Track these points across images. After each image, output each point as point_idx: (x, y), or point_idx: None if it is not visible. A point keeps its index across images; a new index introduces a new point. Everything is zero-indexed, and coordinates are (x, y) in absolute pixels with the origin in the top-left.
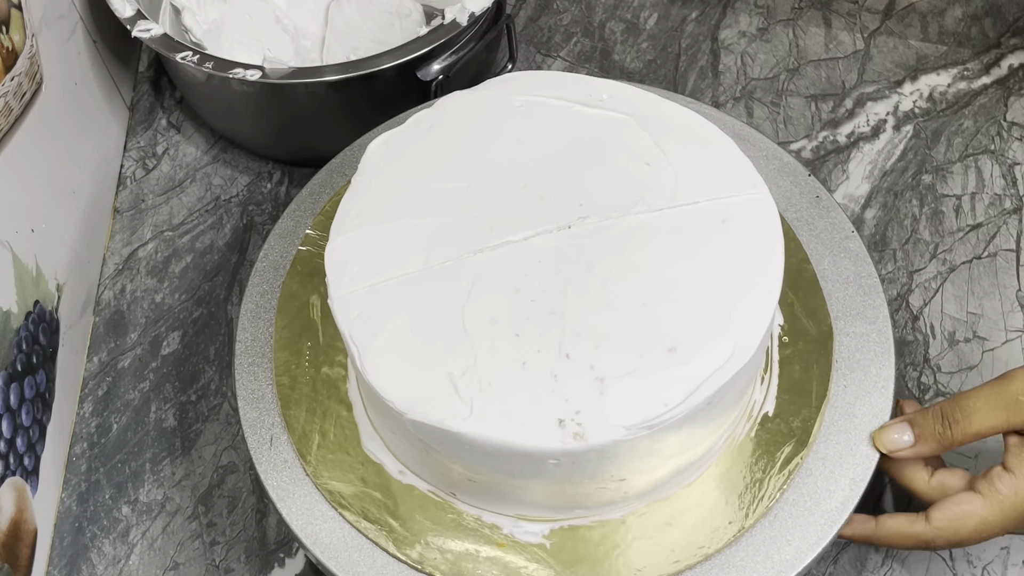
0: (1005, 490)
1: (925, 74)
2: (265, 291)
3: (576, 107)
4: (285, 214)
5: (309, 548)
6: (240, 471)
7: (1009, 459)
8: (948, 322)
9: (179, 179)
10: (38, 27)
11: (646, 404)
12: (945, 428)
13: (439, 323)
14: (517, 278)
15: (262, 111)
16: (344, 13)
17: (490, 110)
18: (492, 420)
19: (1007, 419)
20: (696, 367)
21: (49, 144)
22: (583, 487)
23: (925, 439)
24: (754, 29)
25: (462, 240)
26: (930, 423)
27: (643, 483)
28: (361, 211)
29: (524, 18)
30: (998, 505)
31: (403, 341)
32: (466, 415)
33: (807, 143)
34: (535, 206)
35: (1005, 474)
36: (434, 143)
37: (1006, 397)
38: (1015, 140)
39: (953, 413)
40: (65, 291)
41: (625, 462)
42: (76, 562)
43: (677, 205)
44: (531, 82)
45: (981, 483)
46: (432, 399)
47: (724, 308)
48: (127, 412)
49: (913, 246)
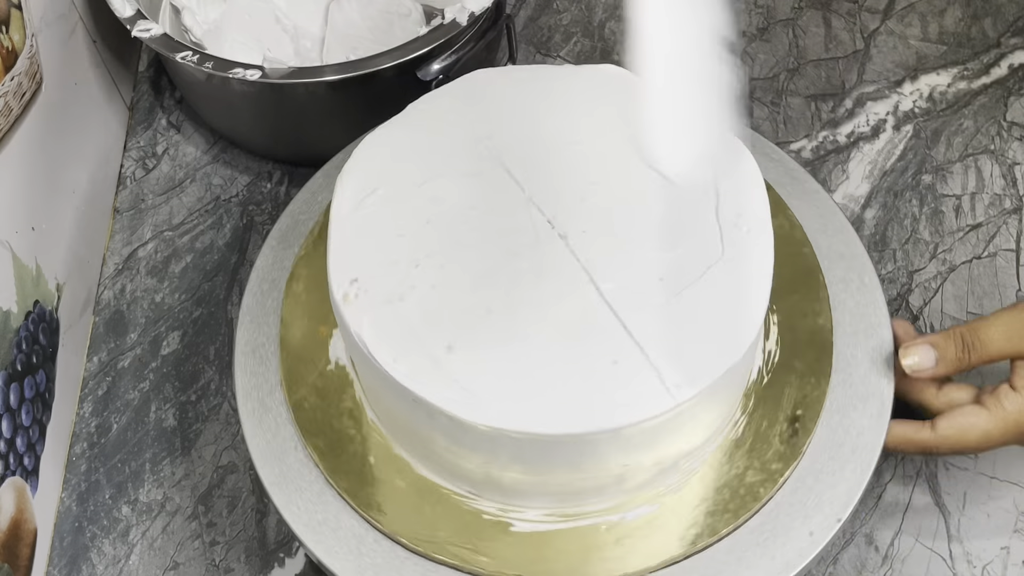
0: (1011, 407)
1: (925, 74)
2: (265, 292)
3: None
4: (285, 214)
5: (310, 548)
6: (240, 471)
7: (1016, 380)
8: (948, 322)
9: (179, 179)
10: (38, 27)
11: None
12: (965, 353)
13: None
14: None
15: (262, 111)
16: (344, 13)
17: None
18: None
19: (1021, 346)
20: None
21: (49, 144)
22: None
23: (946, 362)
24: (754, 29)
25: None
26: (952, 348)
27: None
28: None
29: (524, 18)
30: (1002, 421)
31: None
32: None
33: (807, 143)
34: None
35: (1012, 392)
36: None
37: (1022, 326)
38: (1015, 140)
39: (972, 339)
40: (65, 291)
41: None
42: (76, 562)
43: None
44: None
45: (988, 399)
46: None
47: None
48: (127, 412)
49: (913, 246)
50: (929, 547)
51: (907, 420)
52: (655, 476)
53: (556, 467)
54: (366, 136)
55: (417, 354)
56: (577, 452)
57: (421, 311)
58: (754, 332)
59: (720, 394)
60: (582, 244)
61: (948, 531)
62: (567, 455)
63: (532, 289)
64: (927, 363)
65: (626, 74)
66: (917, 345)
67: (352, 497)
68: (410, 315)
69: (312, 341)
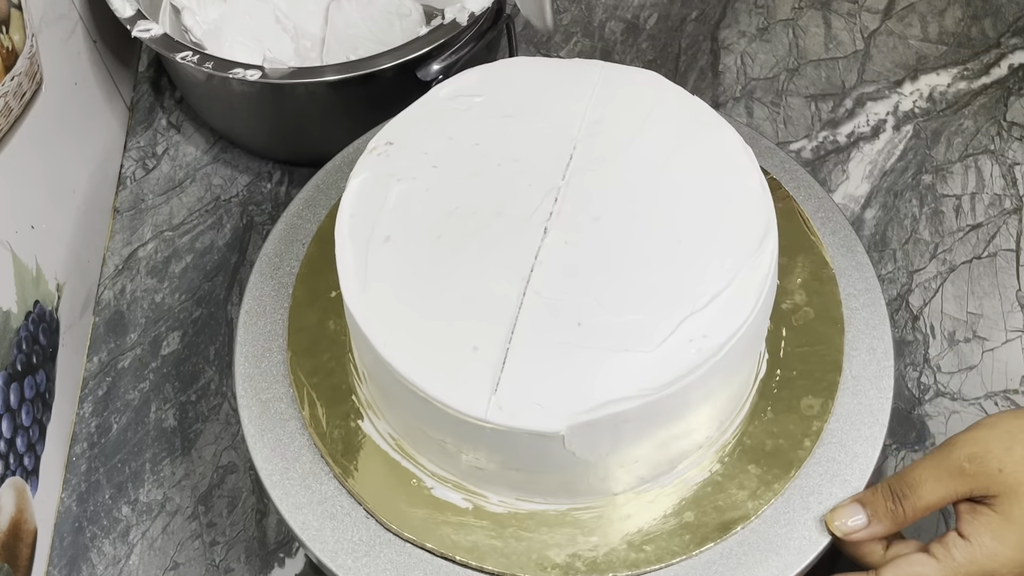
0: (960, 557)
1: (925, 74)
2: (265, 292)
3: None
4: (285, 214)
5: (310, 548)
6: (240, 471)
7: (963, 526)
8: (948, 322)
9: (179, 179)
10: (38, 27)
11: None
12: (896, 504)
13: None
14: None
15: (262, 111)
16: (344, 13)
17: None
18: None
19: (954, 489)
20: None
21: (49, 144)
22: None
23: (879, 518)
24: (754, 29)
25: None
26: (881, 501)
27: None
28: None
29: (524, 18)
30: (952, 572)
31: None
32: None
33: (807, 143)
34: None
35: (960, 541)
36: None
37: (949, 466)
38: (1015, 140)
39: (901, 488)
40: (65, 291)
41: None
42: (76, 562)
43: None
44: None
45: (936, 547)
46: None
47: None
48: (127, 412)
49: (913, 246)
50: None
51: (852, 574)
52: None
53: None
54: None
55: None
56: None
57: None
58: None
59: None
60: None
61: None
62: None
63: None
64: (858, 523)
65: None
66: (844, 506)
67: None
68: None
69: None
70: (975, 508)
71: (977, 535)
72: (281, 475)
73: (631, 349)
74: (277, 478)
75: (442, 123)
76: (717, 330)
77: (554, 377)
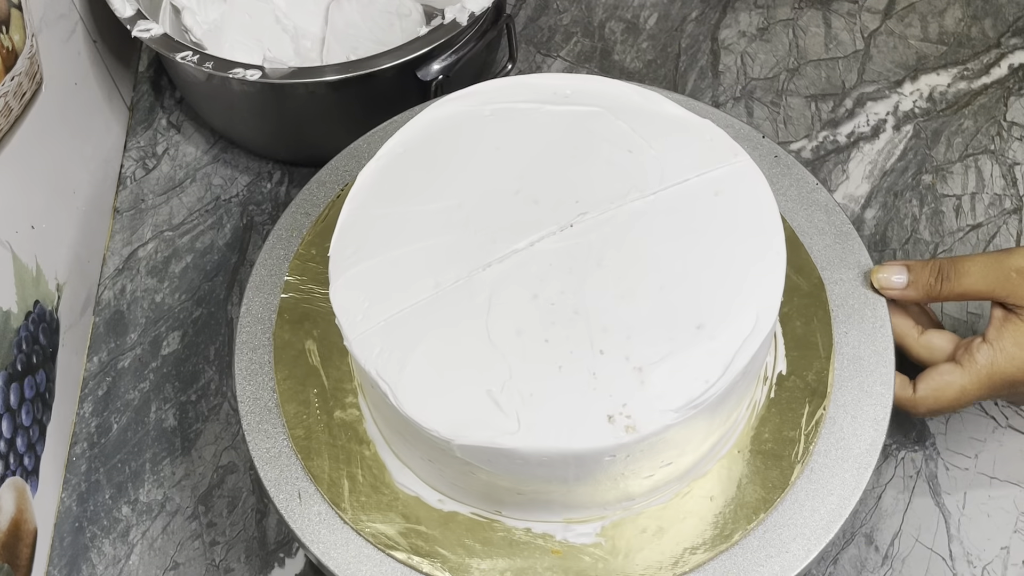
0: (983, 360)
1: (925, 74)
2: (264, 293)
3: (545, 107)
4: (285, 214)
5: (310, 548)
6: (240, 471)
7: (989, 331)
8: (948, 322)
9: (179, 179)
10: (38, 27)
11: (688, 384)
12: (937, 282)
13: (465, 343)
14: (533, 285)
15: (262, 111)
16: (344, 13)
17: (462, 124)
18: (541, 429)
19: (994, 288)
20: (726, 340)
21: (49, 144)
22: (633, 479)
23: (916, 286)
24: (754, 29)
25: (468, 257)
26: (925, 274)
27: (686, 464)
28: (357, 247)
29: (524, 18)
30: (975, 375)
31: (433, 368)
32: (514, 430)
33: (807, 143)
34: (532, 210)
35: (984, 345)
36: (415, 166)
37: (1001, 268)
38: (1015, 140)
39: (948, 271)
40: (65, 291)
41: (675, 445)
42: (76, 562)
43: (668, 186)
44: (494, 90)
45: (962, 354)
46: (477, 420)
47: (739, 278)
48: (127, 412)
49: (913, 246)
50: (929, 547)
51: (896, 374)
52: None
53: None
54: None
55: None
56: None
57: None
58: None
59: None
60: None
61: (948, 531)
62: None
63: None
64: (898, 282)
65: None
66: (892, 264)
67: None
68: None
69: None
70: (1007, 316)
71: (1000, 340)
72: (281, 475)
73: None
74: (277, 478)
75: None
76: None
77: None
